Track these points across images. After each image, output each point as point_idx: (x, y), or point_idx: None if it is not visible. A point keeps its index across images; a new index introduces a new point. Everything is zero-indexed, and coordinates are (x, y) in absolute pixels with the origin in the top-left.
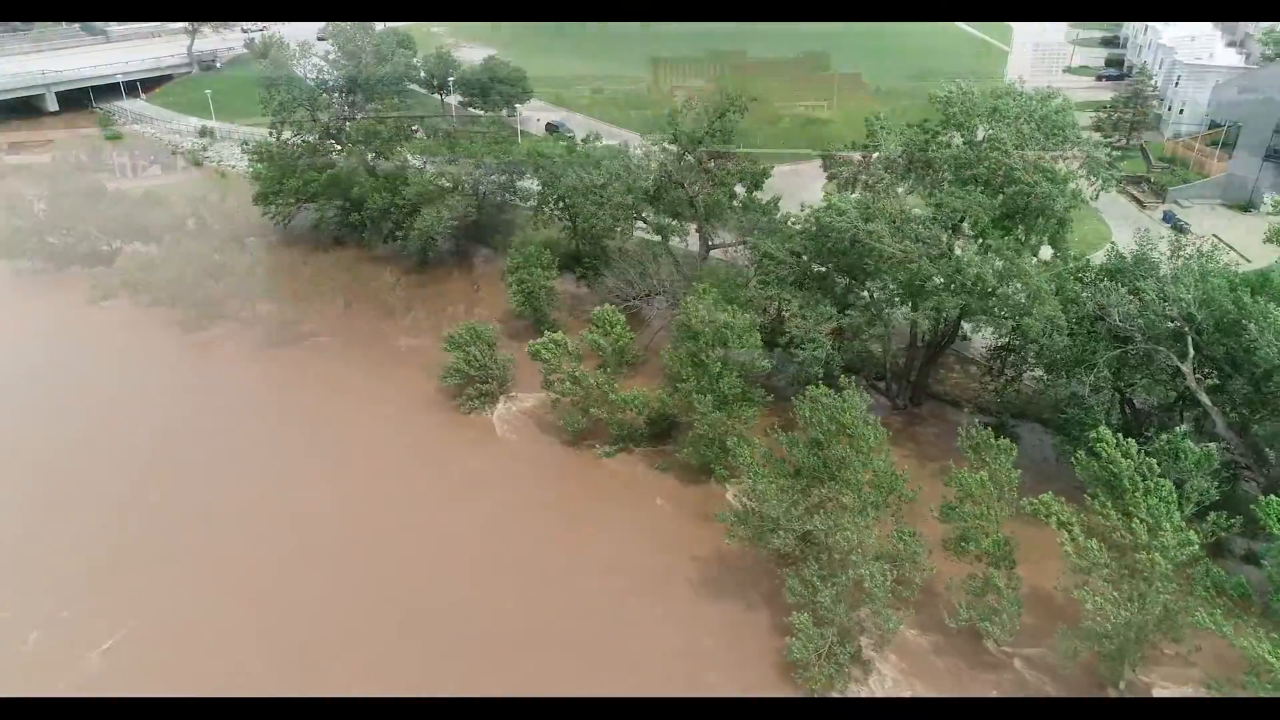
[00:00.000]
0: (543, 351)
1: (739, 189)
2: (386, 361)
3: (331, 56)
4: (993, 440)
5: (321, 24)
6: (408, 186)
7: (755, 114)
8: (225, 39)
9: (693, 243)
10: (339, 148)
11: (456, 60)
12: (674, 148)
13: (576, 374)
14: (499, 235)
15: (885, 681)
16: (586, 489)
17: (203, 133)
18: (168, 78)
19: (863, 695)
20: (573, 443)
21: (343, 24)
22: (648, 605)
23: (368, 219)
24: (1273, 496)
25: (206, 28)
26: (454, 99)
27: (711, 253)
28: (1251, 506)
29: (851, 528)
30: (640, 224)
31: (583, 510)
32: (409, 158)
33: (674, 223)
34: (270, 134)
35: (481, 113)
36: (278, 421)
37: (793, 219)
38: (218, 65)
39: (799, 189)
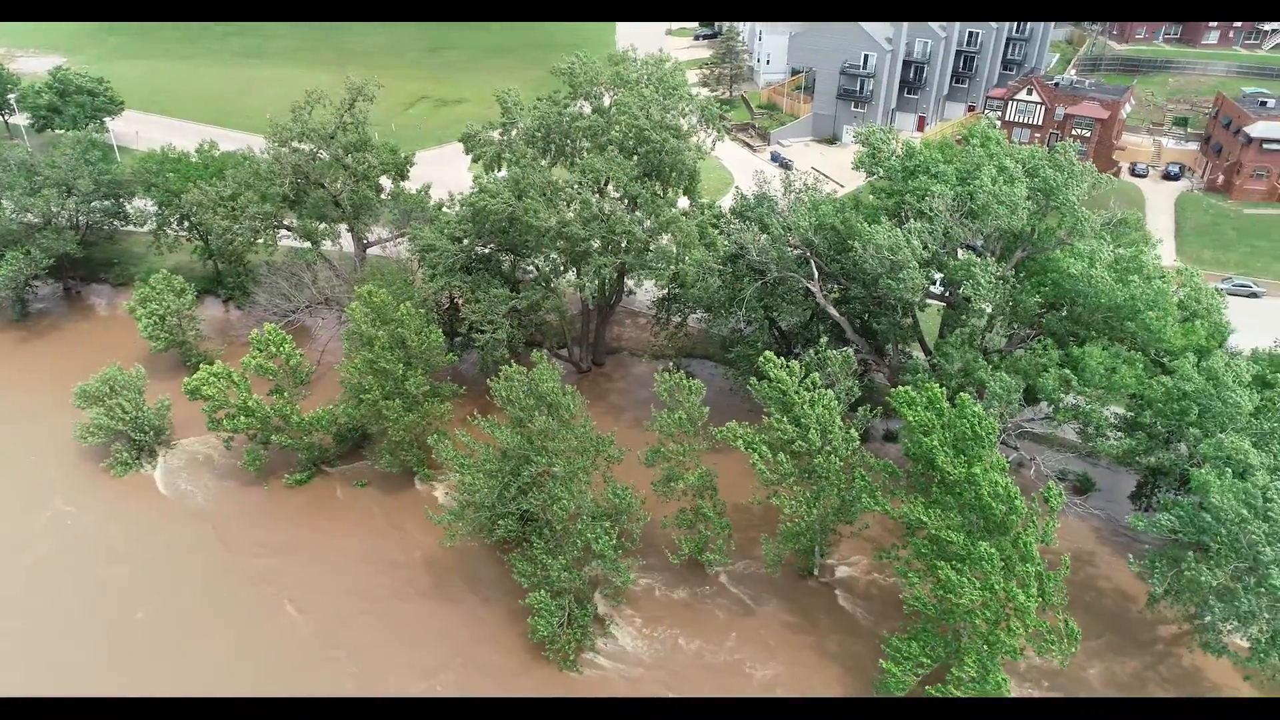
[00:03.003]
0: (203, 387)
1: (385, 181)
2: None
3: None
4: (685, 381)
5: None
6: None
7: (383, 102)
8: None
9: (348, 244)
10: None
11: (14, 74)
12: (306, 146)
13: (248, 404)
14: (118, 268)
15: (626, 632)
16: (286, 525)
17: None
18: None
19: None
20: (258, 480)
21: None
22: (381, 627)
23: None
24: (901, 388)
25: None
26: (22, 120)
27: (369, 251)
28: (886, 399)
29: (566, 495)
30: (285, 232)
31: (286, 547)
32: None
33: (322, 226)
34: None
35: (61, 132)
36: None
37: (446, 205)
38: None
39: (447, 173)
